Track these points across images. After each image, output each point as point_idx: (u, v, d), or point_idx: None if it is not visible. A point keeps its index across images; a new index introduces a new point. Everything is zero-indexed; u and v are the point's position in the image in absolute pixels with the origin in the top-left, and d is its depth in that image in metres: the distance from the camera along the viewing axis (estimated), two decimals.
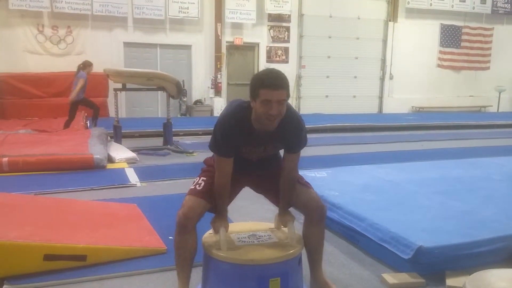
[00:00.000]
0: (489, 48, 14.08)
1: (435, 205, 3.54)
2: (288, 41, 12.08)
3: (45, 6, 9.47)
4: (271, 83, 1.97)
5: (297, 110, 12.24)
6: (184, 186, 4.70)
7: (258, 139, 2.18)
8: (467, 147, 7.78)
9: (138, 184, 4.89)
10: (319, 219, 2.37)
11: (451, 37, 13.57)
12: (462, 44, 13.72)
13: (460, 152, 6.96)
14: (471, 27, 13.70)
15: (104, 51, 9.86)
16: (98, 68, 8.75)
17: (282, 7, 11.59)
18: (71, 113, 7.97)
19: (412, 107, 13.42)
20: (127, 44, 10.35)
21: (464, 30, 13.64)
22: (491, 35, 13.98)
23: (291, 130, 2.18)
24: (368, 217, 3.23)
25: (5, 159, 5.07)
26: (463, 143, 8.27)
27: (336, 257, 3.10)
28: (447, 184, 4.21)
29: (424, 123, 10.67)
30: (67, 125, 7.92)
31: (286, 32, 12.03)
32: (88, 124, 8.19)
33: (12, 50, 9.38)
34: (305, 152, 2.40)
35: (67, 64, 9.73)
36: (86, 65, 8.18)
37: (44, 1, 9.44)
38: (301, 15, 12.05)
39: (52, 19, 9.70)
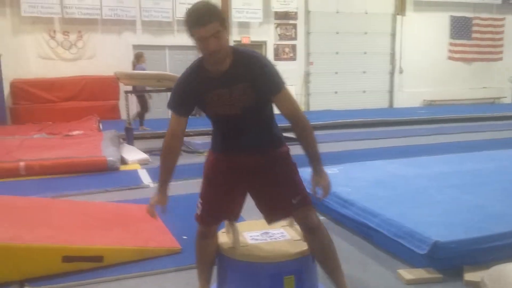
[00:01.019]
0: (501, 39, 13.87)
1: (450, 199, 3.51)
2: (295, 39, 12.05)
3: (56, 12, 9.59)
4: (198, 21, 1.87)
5: (306, 107, 12.32)
6: (195, 185, 4.70)
7: (218, 81, 1.99)
8: (481, 139, 7.68)
9: (151, 185, 4.93)
10: (308, 232, 2.18)
11: (461, 28, 13.39)
12: (473, 35, 13.53)
13: (474, 145, 6.88)
14: (482, 18, 13.50)
15: (114, 54, 9.95)
16: (108, 71, 8.83)
17: (289, 4, 11.56)
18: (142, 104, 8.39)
19: (424, 100, 13.29)
20: (136, 47, 10.40)
21: (474, 21, 13.45)
22: (502, 26, 13.77)
23: (249, 65, 1.99)
24: (382, 212, 3.22)
25: (22, 164, 5.15)
26: (476, 136, 8.16)
27: (350, 254, 3.09)
28: (461, 177, 4.16)
29: (436, 116, 10.55)
30: (141, 116, 8.46)
31: (293, 30, 12.00)
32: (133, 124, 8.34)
33: (25, 56, 9.52)
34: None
35: (79, 69, 9.85)
36: (139, 58, 8.39)
37: (55, 7, 9.56)
38: (307, 12, 12.00)
39: (63, 24, 9.82)
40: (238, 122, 2.08)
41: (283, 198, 2.14)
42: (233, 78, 1.98)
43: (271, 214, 2.22)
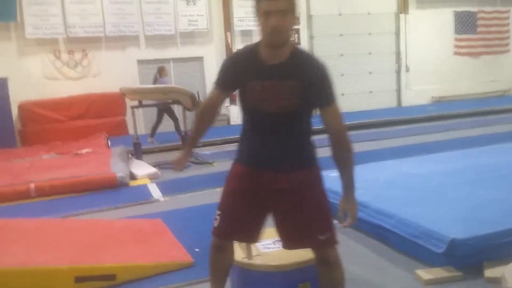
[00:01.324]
0: (507, 31, 13.69)
1: (464, 195, 3.44)
2: (298, 43, 11.99)
3: (60, 33, 9.69)
4: None
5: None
6: (206, 197, 4.74)
7: (268, 72, 1.89)
8: (493, 133, 7.55)
9: (161, 198, 4.92)
10: (322, 265, 2.03)
11: (466, 23, 13.26)
12: (479, 29, 13.38)
13: (486, 139, 6.75)
14: (486, 11, 13.36)
15: (119, 70, 10.00)
16: (114, 87, 8.89)
17: None
18: (158, 118, 8.52)
19: (432, 97, 13.12)
20: (140, 61, 10.48)
21: (479, 15, 13.31)
22: (507, 18, 13.60)
23: (306, 66, 1.89)
24: (396, 213, 3.15)
25: (32, 185, 5.16)
26: (488, 130, 8.03)
27: (367, 257, 3.03)
28: (475, 173, 4.08)
29: (446, 112, 10.43)
30: (153, 130, 8.59)
31: (296, 34, 11.98)
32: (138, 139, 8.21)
33: (31, 78, 9.60)
34: (326, 152, 2.03)
35: (85, 87, 9.92)
36: (161, 71, 8.50)
37: (58, 28, 9.66)
38: (310, 16, 11.99)
39: (68, 44, 9.91)
40: (274, 124, 1.93)
41: (309, 231, 1.96)
42: (284, 73, 1.87)
43: (292, 243, 2.05)
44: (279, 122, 1.92)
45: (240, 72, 1.95)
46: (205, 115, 2.12)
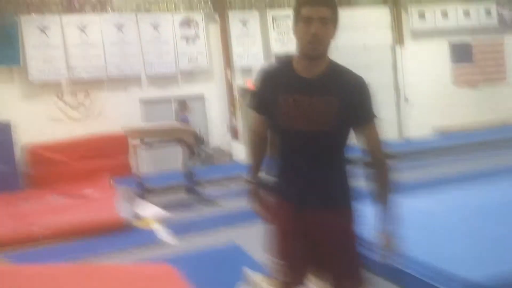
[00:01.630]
0: (502, 58, 13.89)
1: (477, 231, 3.38)
2: None
3: (63, 75, 9.85)
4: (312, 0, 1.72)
5: None
6: (211, 237, 4.66)
7: (302, 85, 1.76)
8: (499, 164, 7.42)
9: (167, 240, 4.84)
10: None
11: (462, 53, 13.47)
12: (475, 58, 13.60)
13: (493, 171, 6.61)
14: (481, 40, 13.62)
15: (122, 110, 10.11)
16: (117, 127, 8.95)
17: (287, 44, 11.76)
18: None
19: (434, 129, 13.14)
20: (143, 101, 10.59)
21: (474, 44, 13.56)
22: (501, 44, 13.84)
23: (345, 80, 1.80)
24: (407, 252, 3.07)
25: (36, 230, 5.09)
26: (493, 161, 7.88)
27: None
28: (486, 207, 4.02)
29: (448, 144, 10.37)
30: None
31: None
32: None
33: (35, 121, 9.65)
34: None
35: (89, 128, 9.98)
36: (183, 108, 8.45)
37: (61, 70, 9.83)
38: None
39: (71, 86, 10.05)
40: (307, 147, 1.79)
41: (339, 281, 1.92)
42: (320, 88, 1.76)
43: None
44: (312, 144, 1.79)
45: (271, 85, 1.83)
46: (254, 143, 2.05)
